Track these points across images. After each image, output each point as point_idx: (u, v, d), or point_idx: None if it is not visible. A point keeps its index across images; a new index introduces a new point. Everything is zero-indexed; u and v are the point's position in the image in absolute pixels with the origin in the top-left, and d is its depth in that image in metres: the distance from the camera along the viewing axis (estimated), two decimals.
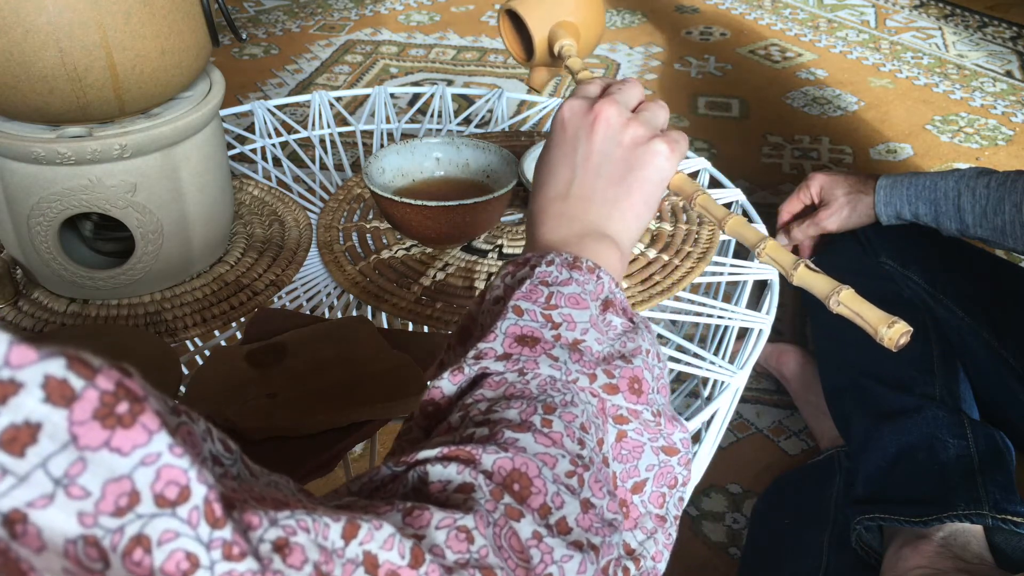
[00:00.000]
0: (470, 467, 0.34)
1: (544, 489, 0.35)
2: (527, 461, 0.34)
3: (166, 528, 0.22)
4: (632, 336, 0.42)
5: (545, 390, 0.38)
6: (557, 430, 0.36)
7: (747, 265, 0.75)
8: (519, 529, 0.33)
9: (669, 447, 0.41)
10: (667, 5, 2.20)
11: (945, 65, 1.86)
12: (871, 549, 0.80)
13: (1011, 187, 0.84)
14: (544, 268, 0.42)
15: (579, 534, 0.35)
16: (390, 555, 0.29)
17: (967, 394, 0.86)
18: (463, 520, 0.32)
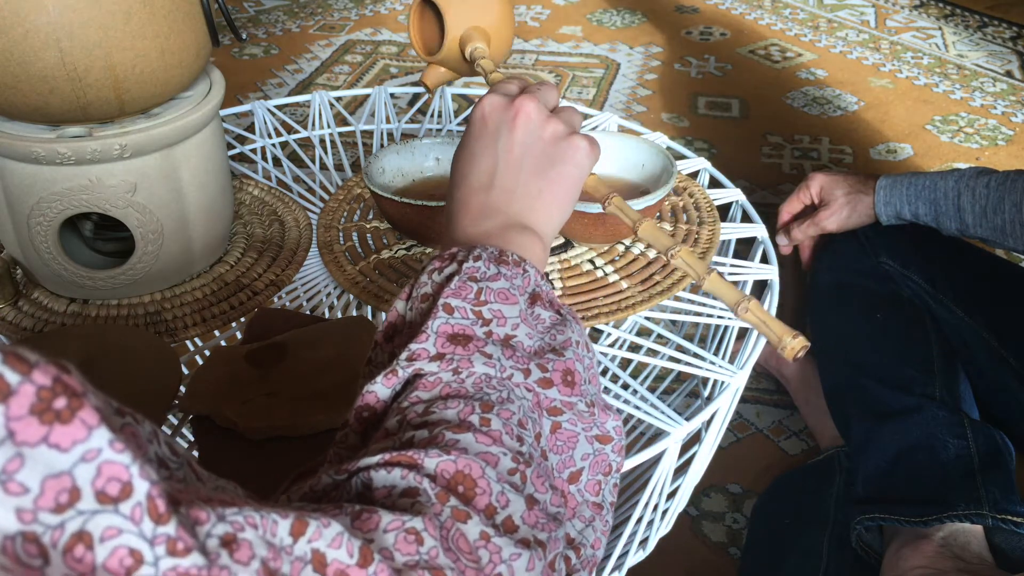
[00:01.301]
0: (414, 471, 0.34)
1: (489, 489, 0.35)
2: (470, 463, 0.34)
3: (108, 525, 0.22)
4: (561, 328, 0.42)
5: (481, 388, 0.38)
6: (496, 428, 0.36)
7: (747, 265, 0.75)
8: (466, 531, 0.33)
9: (603, 435, 0.41)
10: (667, 5, 2.20)
11: (945, 65, 1.86)
12: (871, 549, 0.80)
13: (1011, 186, 0.84)
14: (471, 264, 0.41)
15: (526, 532, 0.35)
16: (338, 553, 0.29)
17: (967, 394, 0.86)
18: (412, 522, 0.32)
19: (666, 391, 1.01)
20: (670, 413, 0.61)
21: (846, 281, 0.96)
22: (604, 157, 0.77)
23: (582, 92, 1.77)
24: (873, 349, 0.89)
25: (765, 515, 0.89)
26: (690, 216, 0.78)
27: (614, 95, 1.76)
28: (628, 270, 0.71)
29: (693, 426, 0.61)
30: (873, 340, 0.90)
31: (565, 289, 0.69)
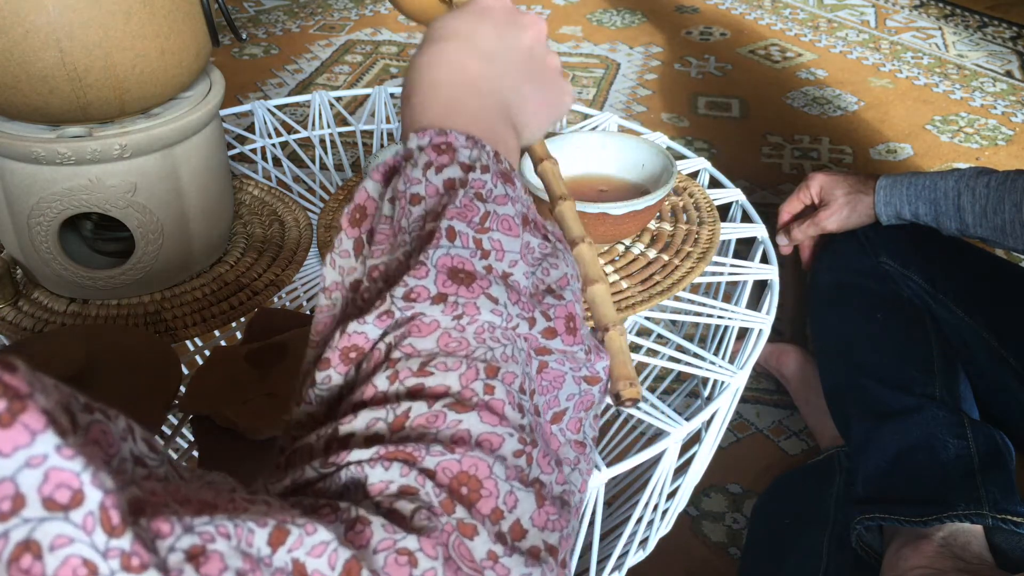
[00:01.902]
0: (413, 469, 0.31)
1: (495, 491, 0.32)
2: (476, 461, 0.32)
3: (58, 533, 0.21)
4: (553, 261, 0.38)
5: (484, 341, 0.34)
6: (499, 398, 0.33)
7: (747, 265, 0.75)
8: (473, 548, 0.31)
9: (592, 376, 0.38)
10: (667, 5, 2.20)
11: (945, 65, 1.86)
12: (871, 549, 0.80)
13: (1011, 186, 0.84)
14: (479, 176, 0.37)
15: (535, 536, 0.33)
16: (319, 563, 0.27)
17: (967, 394, 0.86)
18: (404, 541, 0.30)
19: (666, 391, 1.01)
20: (670, 413, 0.61)
21: (846, 281, 0.96)
22: (604, 157, 0.77)
23: (582, 92, 1.77)
24: (873, 349, 0.89)
25: (765, 515, 0.89)
26: (690, 216, 0.78)
27: (614, 95, 1.76)
28: (628, 270, 0.71)
29: (693, 426, 0.61)
30: (873, 340, 0.90)
31: None
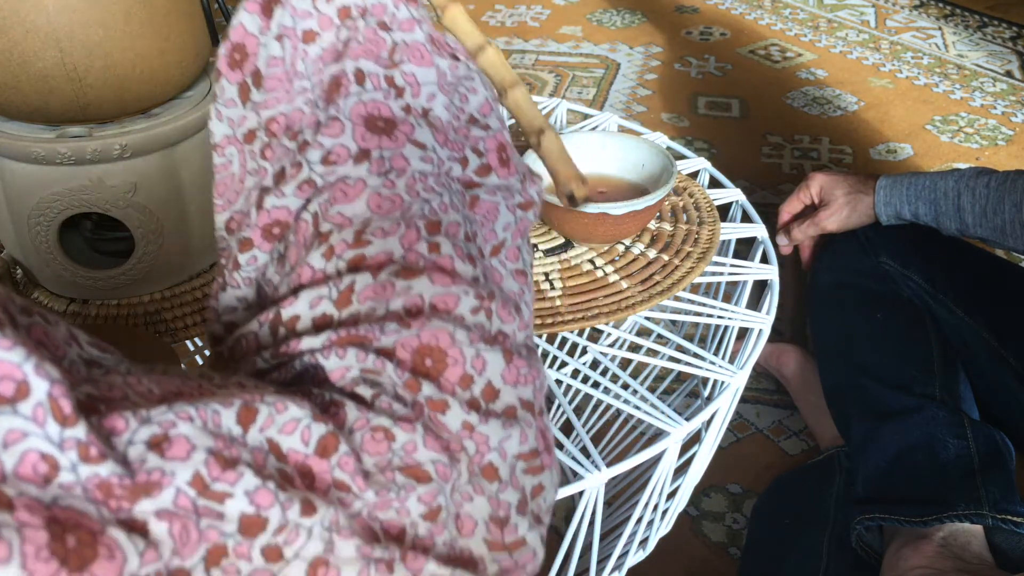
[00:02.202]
0: (371, 352, 0.30)
1: (461, 357, 0.31)
2: (435, 332, 0.30)
3: (9, 428, 0.21)
4: (469, 85, 0.34)
5: (418, 194, 0.32)
6: (447, 254, 0.31)
7: (747, 265, 0.75)
8: (447, 422, 0.30)
9: (527, 202, 0.36)
10: (667, 5, 2.20)
11: (945, 65, 1.86)
12: (871, 549, 0.80)
13: (1011, 187, 0.84)
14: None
15: (509, 395, 0.31)
16: (292, 441, 0.27)
17: (967, 394, 0.86)
18: (378, 419, 0.28)
19: (666, 391, 1.01)
20: (670, 413, 0.61)
21: (846, 281, 0.96)
22: (604, 157, 0.77)
23: (582, 92, 1.77)
24: (873, 349, 0.89)
25: (765, 515, 0.89)
26: (690, 216, 0.78)
27: (614, 95, 1.76)
28: (628, 270, 0.71)
29: (693, 426, 0.61)
30: (873, 340, 0.90)
31: (565, 289, 0.69)
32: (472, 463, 0.30)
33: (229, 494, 0.25)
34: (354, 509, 0.28)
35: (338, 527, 0.27)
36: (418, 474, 0.29)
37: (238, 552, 0.25)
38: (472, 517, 0.30)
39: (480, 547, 0.30)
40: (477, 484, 0.30)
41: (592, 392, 0.62)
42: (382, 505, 0.28)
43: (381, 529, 0.28)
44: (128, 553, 0.23)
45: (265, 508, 0.25)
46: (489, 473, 0.31)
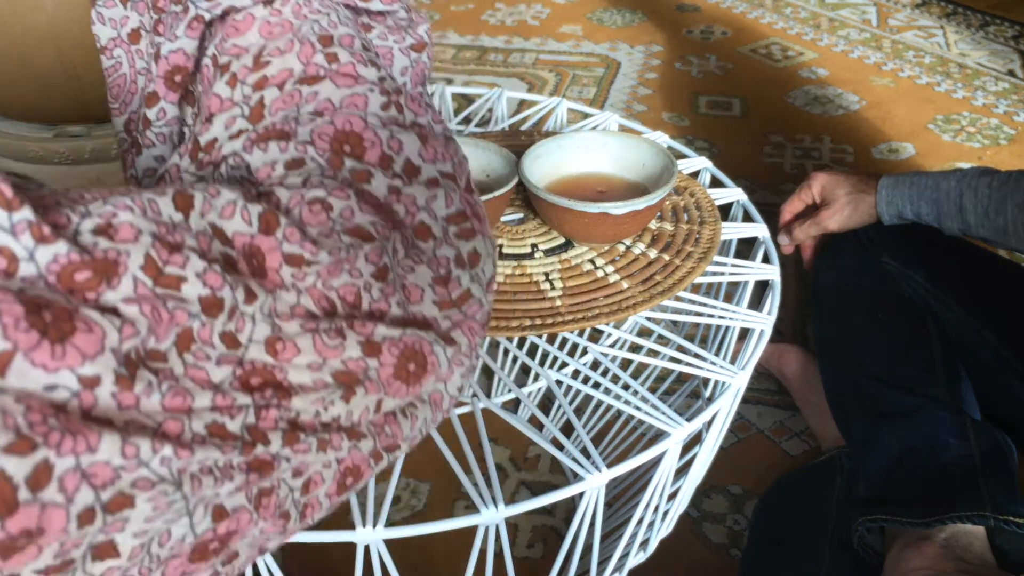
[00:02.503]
0: (291, 142, 0.31)
1: (377, 139, 0.32)
2: (349, 118, 0.31)
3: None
4: None
5: (305, 16, 0.33)
6: (346, 61, 0.33)
7: (748, 265, 0.75)
8: (374, 190, 0.31)
9: (418, 43, 0.38)
10: (668, 4, 2.20)
11: (947, 64, 1.86)
12: (873, 550, 0.80)
13: (1013, 187, 0.83)
14: None
15: (429, 170, 0.33)
16: (234, 224, 0.27)
17: (969, 395, 0.86)
18: (312, 192, 0.30)
19: (667, 392, 1.01)
20: (671, 414, 0.61)
21: (848, 281, 0.95)
22: (605, 157, 0.77)
23: (582, 91, 1.77)
24: (875, 349, 0.89)
25: (766, 516, 0.89)
26: (691, 216, 0.78)
27: (615, 94, 1.76)
28: (628, 270, 0.71)
29: (694, 427, 0.60)
30: (875, 340, 0.90)
31: (565, 289, 0.68)
32: (405, 228, 0.32)
33: (183, 278, 0.26)
34: (304, 284, 0.29)
35: (277, 313, 0.28)
36: (362, 234, 0.30)
37: (202, 337, 0.26)
38: (418, 286, 0.32)
39: (431, 309, 0.32)
40: (415, 253, 0.32)
41: (592, 393, 0.62)
42: (335, 269, 0.29)
43: (339, 298, 0.30)
44: (106, 328, 0.24)
45: (218, 289, 0.27)
46: (423, 232, 0.32)
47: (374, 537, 0.50)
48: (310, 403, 0.29)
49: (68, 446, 0.23)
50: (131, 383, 0.24)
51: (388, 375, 0.30)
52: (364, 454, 0.31)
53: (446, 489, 0.94)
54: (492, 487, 0.53)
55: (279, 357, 0.28)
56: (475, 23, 2.10)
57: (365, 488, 0.91)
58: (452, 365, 0.33)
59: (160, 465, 0.25)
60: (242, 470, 0.27)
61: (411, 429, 0.33)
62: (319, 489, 0.30)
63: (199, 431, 0.26)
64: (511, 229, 0.76)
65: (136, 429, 0.24)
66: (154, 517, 0.25)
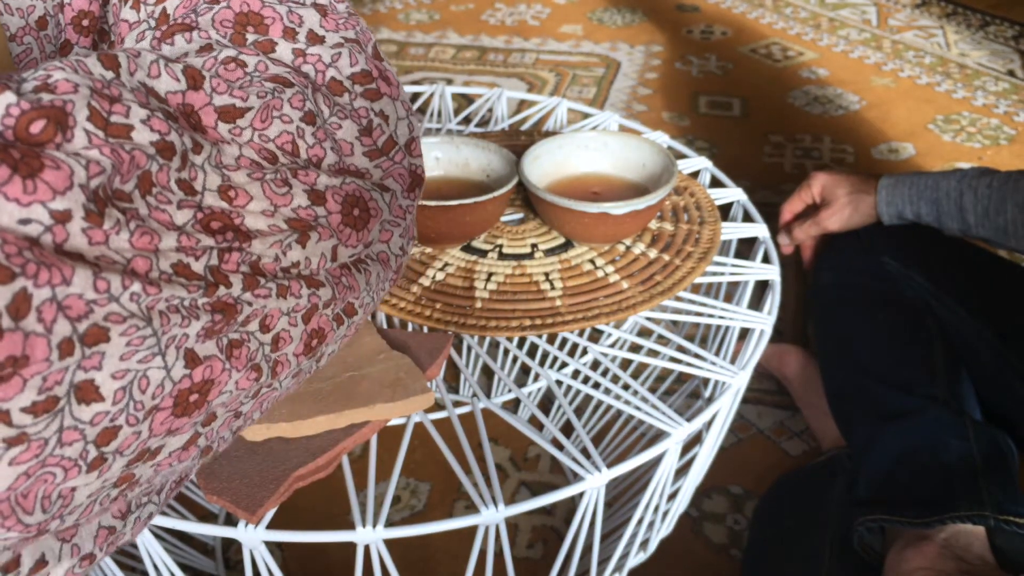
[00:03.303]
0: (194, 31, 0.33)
1: (276, 14, 0.34)
2: (244, 0, 0.34)
3: None
4: None
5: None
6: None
7: (749, 265, 0.75)
8: (280, 56, 0.34)
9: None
10: (668, 4, 2.20)
11: (947, 64, 1.86)
12: (873, 550, 0.80)
13: (1013, 187, 0.83)
14: None
15: (332, 38, 0.35)
16: (164, 83, 0.29)
17: (969, 395, 0.86)
18: (224, 53, 0.32)
19: (667, 392, 1.01)
20: (671, 414, 0.61)
21: (848, 281, 0.95)
22: (605, 157, 0.77)
23: (582, 91, 1.76)
24: (875, 349, 0.89)
25: (767, 516, 0.89)
26: (691, 216, 0.78)
27: (615, 94, 1.76)
28: (628, 270, 0.71)
29: (694, 427, 0.60)
30: (875, 340, 0.90)
31: (565, 289, 0.68)
32: (320, 87, 0.34)
33: (131, 126, 0.28)
34: (243, 139, 0.31)
35: (223, 164, 0.31)
36: (281, 80, 0.33)
37: (161, 182, 0.28)
38: (347, 140, 0.35)
39: (363, 161, 0.35)
40: (337, 110, 0.35)
41: (593, 393, 0.62)
42: (266, 117, 0.32)
43: (277, 148, 0.32)
44: (73, 165, 0.25)
45: (166, 133, 0.28)
46: (336, 88, 0.35)
47: (374, 537, 0.50)
48: (269, 246, 0.31)
49: (44, 277, 0.24)
50: (100, 219, 0.26)
51: (338, 222, 0.33)
52: (327, 316, 0.34)
53: (446, 489, 0.94)
54: (492, 487, 0.52)
55: (234, 203, 0.30)
56: (475, 23, 2.09)
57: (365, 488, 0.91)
58: (391, 212, 0.36)
59: (130, 301, 0.26)
60: (207, 310, 0.29)
61: (366, 285, 0.36)
62: (287, 347, 0.33)
63: (166, 270, 0.28)
64: (511, 229, 0.76)
65: (107, 264, 0.26)
66: (129, 355, 0.27)
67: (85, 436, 0.26)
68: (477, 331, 0.64)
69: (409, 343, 0.61)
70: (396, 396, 0.55)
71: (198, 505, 0.91)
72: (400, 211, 0.37)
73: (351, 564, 0.53)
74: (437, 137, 0.77)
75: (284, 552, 0.88)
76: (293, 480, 0.51)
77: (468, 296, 0.68)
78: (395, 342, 0.61)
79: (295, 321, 0.32)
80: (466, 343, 1.04)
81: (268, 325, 0.31)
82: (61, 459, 0.26)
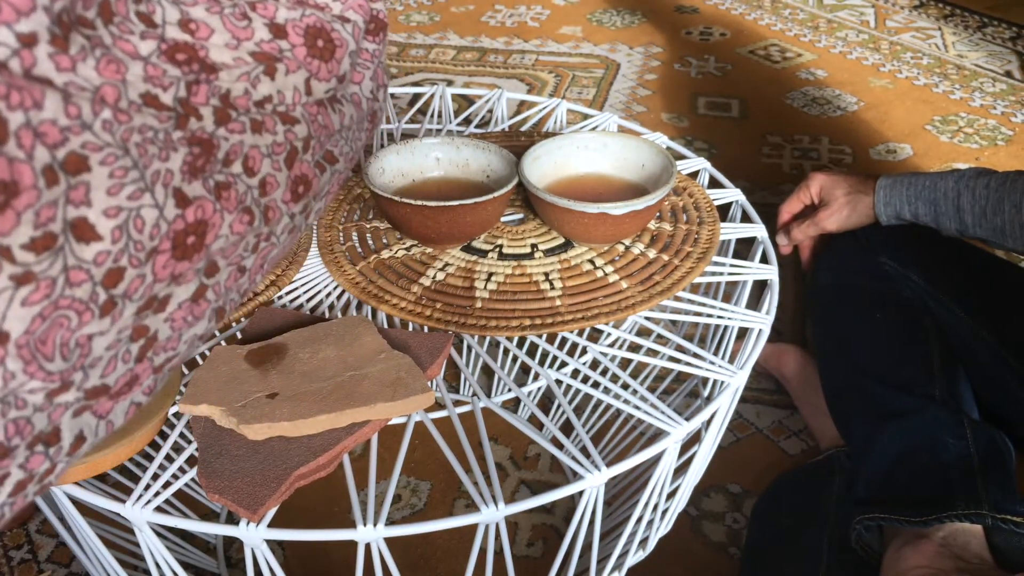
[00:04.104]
0: None
1: None
2: None
3: None
4: None
5: None
6: None
7: (747, 265, 0.75)
8: None
9: None
10: (667, 5, 2.20)
11: (945, 65, 1.87)
12: (871, 549, 0.80)
13: (1011, 187, 0.84)
14: None
15: None
16: None
17: (967, 394, 0.86)
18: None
19: (666, 391, 1.01)
20: (670, 413, 0.61)
21: (846, 281, 0.96)
22: (604, 157, 0.77)
23: (582, 92, 1.77)
24: (873, 349, 0.89)
25: (765, 515, 0.89)
26: (690, 216, 0.78)
27: (614, 95, 1.76)
28: (628, 270, 0.71)
29: (693, 426, 0.61)
30: (873, 340, 0.90)
31: (565, 289, 0.69)
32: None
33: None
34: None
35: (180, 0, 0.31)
36: None
37: (120, 11, 0.28)
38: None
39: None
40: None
41: (592, 392, 0.62)
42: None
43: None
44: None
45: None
46: None
47: (375, 535, 0.50)
48: (236, 78, 0.31)
49: (16, 99, 0.24)
50: (66, 44, 0.26)
51: (303, 54, 0.34)
52: (308, 163, 0.34)
53: (446, 488, 0.94)
54: (492, 486, 0.53)
55: (196, 36, 0.30)
56: (475, 24, 2.10)
57: (366, 487, 0.91)
58: (359, 50, 0.37)
59: (103, 129, 0.26)
60: (183, 144, 0.29)
61: (340, 124, 0.36)
62: (275, 192, 0.33)
63: (135, 99, 0.28)
64: (511, 229, 0.76)
65: (76, 91, 0.26)
66: (115, 189, 0.27)
67: (92, 276, 0.27)
68: (477, 331, 0.64)
69: (409, 342, 0.62)
70: (397, 395, 0.55)
71: (200, 504, 0.91)
72: (367, 55, 0.38)
73: (352, 562, 0.54)
74: (437, 138, 0.78)
75: (285, 550, 0.88)
76: (294, 479, 0.52)
77: (468, 296, 0.68)
78: (395, 342, 0.61)
79: (278, 165, 0.33)
80: (466, 343, 1.04)
81: (252, 168, 0.32)
82: (73, 301, 0.26)
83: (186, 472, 0.58)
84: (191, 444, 0.56)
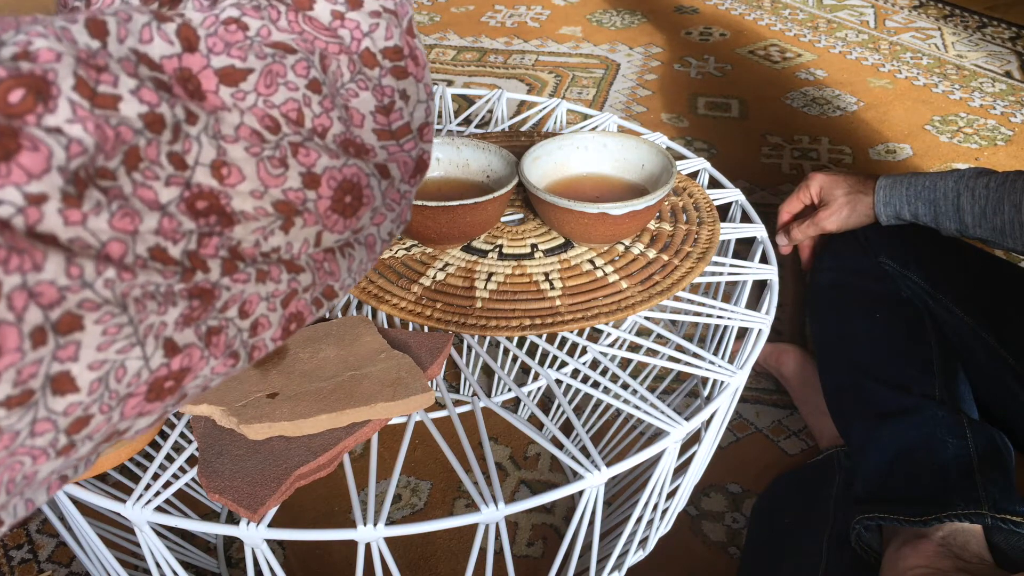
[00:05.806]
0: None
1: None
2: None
3: None
4: None
5: None
6: None
7: (747, 265, 0.75)
8: (318, 15, 0.32)
9: None
10: (667, 5, 2.20)
11: (944, 65, 1.87)
12: (870, 549, 0.80)
13: (1010, 187, 0.84)
14: None
15: (371, 3, 0.34)
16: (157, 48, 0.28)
17: (966, 394, 0.87)
18: (226, 12, 0.30)
19: (666, 391, 1.01)
20: (670, 413, 0.61)
21: (846, 281, 0.96)
22: (604, 157, 0.78)
23: (582, 92, 1.77)
24: (873, 349, 0.89)
25: (764, 515, 0.90)
26: (690, 216, 0.79)
27: (614, 95, 1.76)
28: (628, 270, 0.71)
29: (693, 426, 0.61)
30: (873, 340, 0.90)
31: (565, 289, 0.69)
32: (352, 53, 0.33)
33: (119, 96, 0.26)
34: (246, 104, 0.30)
35: (221, 135, 0.29)
36: (283, 46, 0.31)
37: (150, 156, 0.27)
38: (360, 111, 0.34)
39: (370, 137, 0.34)
40: (360, 79, 0.33)
41: (592, 392, 0.62)
42: (270, 82, 0.30)
43: (281, 116, 0.31)
44: (52, 146, 0.24)
45: (156, 106, 0.27)
46: (368, 60, 0.34)
47: (375, 535, 0.50)
48: (251, 232, 0.30)
49: (15, 263, 0.23)
50: (79, 202, 0.24)
51: (326, 207, 0.32)
52: (305, 301, 0.33)
53: (446, 488, 0.94)
54: (492, 486, 0.53)
55: (224, 182, 0.29)
56: (475, 25, 2.10)
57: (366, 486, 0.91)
58: (386, 199, 0.35)
59: (104, 287, 0.25)
60: (184, 296, 0.28)
61: (347, 270, 0.35)
62: (266, 332, 0.32)
63: (141, 254, 0.26)
64: (511, 229, 0.76)
65: (81, 248, 0.25)
66: (106, 345, 0.26)
67: (57, 426, 0.26)
68: (477, 331, 0.65)
69: (410, 342, 0.62)
70: (397, 395, 0.55)
71: (200, 503, 0.91)
72: (397, 196, 0.36)
73: (352, 562, 0.54)
74: (438, 138, 0.78)
75: (286, 550, 0.88)
76: (295, 478, 0.52)
77: (468, 296, 0.68)
78: (396, 341, 0.61)
79: (274, 306, 0.32)
80: (466, 343, 1.04)
81: (247, 311, 0.31)
82: (31, 449, 0.25)
83: (186, 472, 0.58)
84: (191, 444, 0.56)
